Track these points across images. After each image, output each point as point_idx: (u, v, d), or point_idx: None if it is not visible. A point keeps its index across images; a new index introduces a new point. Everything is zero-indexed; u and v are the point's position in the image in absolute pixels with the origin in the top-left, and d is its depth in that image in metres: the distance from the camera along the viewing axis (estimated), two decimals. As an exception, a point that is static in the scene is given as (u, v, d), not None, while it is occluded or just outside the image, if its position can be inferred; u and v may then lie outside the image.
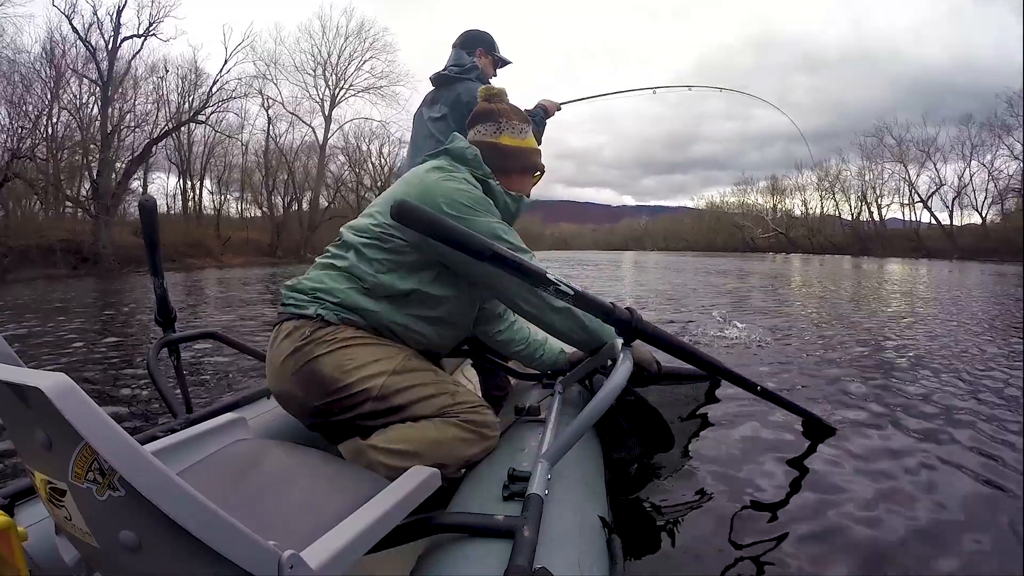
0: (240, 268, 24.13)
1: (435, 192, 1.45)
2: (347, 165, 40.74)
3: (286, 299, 1.45)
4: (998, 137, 36.17)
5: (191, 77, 30.84)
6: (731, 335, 5.12)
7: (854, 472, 2.02)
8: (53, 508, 0.73)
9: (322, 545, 0.80)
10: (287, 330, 1.40)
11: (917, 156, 40.94)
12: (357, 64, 38.46)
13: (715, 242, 58.78)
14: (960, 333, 5.32)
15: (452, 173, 1.52)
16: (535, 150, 1.74)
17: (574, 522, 1.09)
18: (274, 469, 1.12)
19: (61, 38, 25.81)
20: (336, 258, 1.49)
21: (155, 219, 1.78)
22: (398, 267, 1.46)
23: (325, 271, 1.47)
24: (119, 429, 0.60)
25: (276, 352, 1.41)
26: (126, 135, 27.93)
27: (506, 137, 1.67)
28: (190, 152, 33.29)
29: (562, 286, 1.24)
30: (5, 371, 0.64)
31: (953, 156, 39.40)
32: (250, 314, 8.12)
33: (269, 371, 1.45)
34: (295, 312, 1.41)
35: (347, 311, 1.42)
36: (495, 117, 1.69)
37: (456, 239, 1.18)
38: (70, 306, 9.58)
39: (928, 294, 10.15)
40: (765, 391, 1.99)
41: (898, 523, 1.69)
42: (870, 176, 44.82)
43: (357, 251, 1.46)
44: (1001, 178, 36.99)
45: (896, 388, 3.22)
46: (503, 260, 1.19)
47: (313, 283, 1.44)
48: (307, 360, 1.36)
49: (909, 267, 21.82)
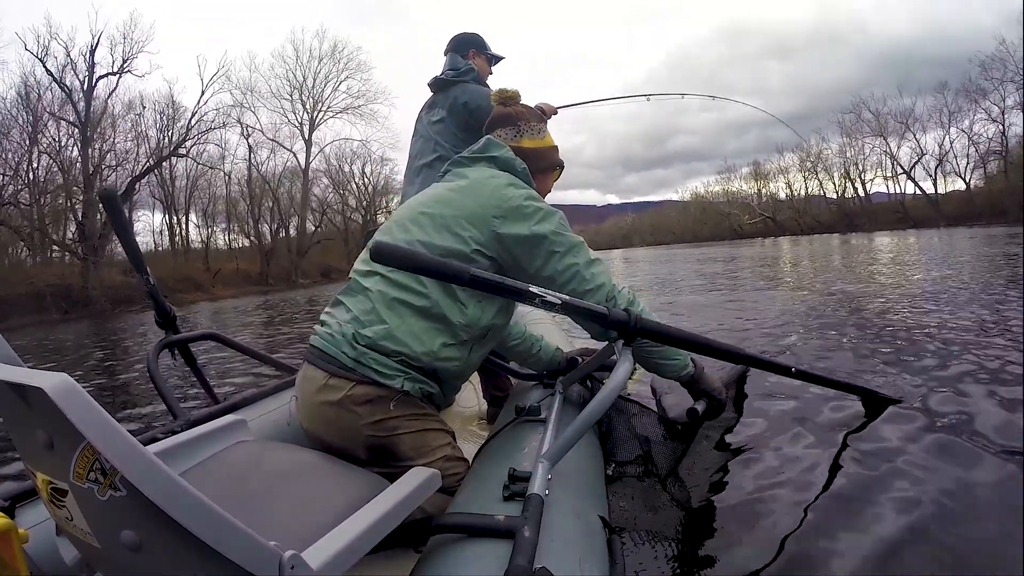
0: (232, 299, 23.97)
1: (510, 196, 1.46)
2: (331, 187, 40.84)
3: (363, 358, 1.34)
4: (975, 102, 36.33)
5: (169, 111, 30.96)
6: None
7: (872, 457, 1.90)
8: (54, 508, 0.74)
9: (323, 545, 0.81)
10: (366, 395, 1.33)
11: (896, 128, 41.13)
12: (333, 85, 38.78)
13: (702, 232, 58.82)
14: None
15: (528, 191, 1.51)
16: (553, 148, 1.76)
17: (574, 522, 1.10)
18: (275, 470, 1.12)
19: (36, 82, 25.86)
20: (408, 291, 1.39)
21: (120, 208, 1.74)
22: (479, 295, 1.42)
23: (398, 311, 1.38)
24: (121, 429, 0.61)
25: (344, 415, 1.34)
26: (108, 174, 27.90)
27: (527, 140, 1.70)
28: (173, 187, 33.28)
29: (548, 297, 1.24)
30: (6, 371, 0.65)
31: (932, 125, 39.58)
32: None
33: (316, 418, 1.39)
34: (376, 379, 1.33)
35: (429, 380, 1.40)
36: (513, 120, 1.71)
37: (435, 269, 1.17)
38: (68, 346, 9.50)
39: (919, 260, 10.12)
40: (800, 372, 1.93)
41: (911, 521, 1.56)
42: (851, 152, 45.05)
43: (441, 283, 1.39)
44: (981, 142, 37.25)
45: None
46: (483, 281, 1.19)
47: (395, 343, 1.35)
48: (388, 435, 1.34)
49: (897, 238, 21.80)
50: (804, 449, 2.05)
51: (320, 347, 1.41)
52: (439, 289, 1.39)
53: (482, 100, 2.60)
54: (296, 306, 14.98)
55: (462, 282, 1.18)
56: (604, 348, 1.54)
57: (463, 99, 2.62)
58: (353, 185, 41.43)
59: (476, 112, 2.58)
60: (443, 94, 2.72)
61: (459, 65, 2.74)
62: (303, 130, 38.14)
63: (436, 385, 1.43)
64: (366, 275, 1.45)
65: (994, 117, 35.73)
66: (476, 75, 2.75)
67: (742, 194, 58.67)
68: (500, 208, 1.44)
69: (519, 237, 1.43)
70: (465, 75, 2.71)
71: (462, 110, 2.62)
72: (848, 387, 2.25)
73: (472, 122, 2.60)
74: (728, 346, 1.65)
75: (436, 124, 2.69)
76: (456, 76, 2.71)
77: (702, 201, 64.92)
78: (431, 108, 2.77)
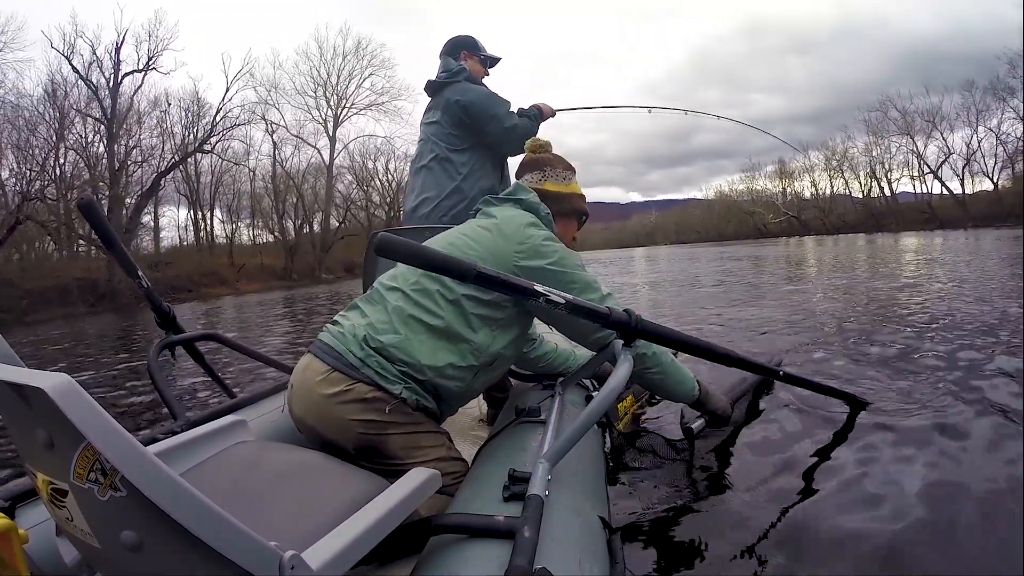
0: (256, 294, 24.14)
1: (531, 235, 1.54)
2: (355, 184, 40.99)
3: (368, 359, 1.39)
4: (1003, 100, 35.50)
5: (194, 108, 31.31)
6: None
7: (868, 459, 1.92)
8: (54, 509, 0.74)
9: (323, 546, 0.82)
10: (363, 393, 1.36)
11: (923, 127, 40.23)
12: (357, 82, 38.94)
13: (727, 231, 58.19)
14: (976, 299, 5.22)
15: (544, 231, 1.58)
16: (579, 195, 1.83)
17: (574, 523, 1.10)
18: (275, 470, 1.13)
19: (63, 79, 26.29)
20: (424, 311, 1.44)
21: (100, 216, 1.75)
22: (493, 324, 1.49)
23: (412, 326, 1.43)
24: (121, 429, 0.62)
25: (338, 408, 1.36)
26: (133, 170, 28.36)
27: (550, 184, 1.77)
28: (198, 183, 33.57)
29: (552, 296, 1.26)
30: (7, 371, 0.66)
31: (960, 123, 38.66)
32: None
33: (309, 406, 1.41)
34: (377, 382, 1.37)
35: (428, 395, 1.43)
36: (540, 166, 1.80)
37: (441, 265, 1.18)
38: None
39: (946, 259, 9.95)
40: (788, 375, 2.05)
41: (917, 521, 1.57)
42: (877, 151, 44.11)
43: (458, 306, 1.45)
44: (1009, 141, 36.32)
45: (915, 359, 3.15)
46: (488, 278, 1.21)
47: (403, 353, 1.39)
48: (377, 433, 1.37)
49: (924, 239, 21.41)
50: (804, 451, 2.06)
51: (328, 343, 1.44)
52: (454, 312, 1.44)
53: (473, 95, 2.69)
54: (318, 300, 15.07)
55: (467, 278, 1.19)
56: (604, 350, 1.56)
57: (455, 97, 2.70)
58: (377, 181, 41.67)
59: (469, 107, 2.66)
60: (438, 96, 2.81)
61: (451, 67, 2.83)
62: (327, 127, 38.44)
63: (434, 402, 1.46)
64: (390, 289, 1.51)
65: (1023, 116, 34.86)
66: (468, 75, 2.82)
67: (767, 193, 57.87)
68: (522, 245, 1.52)
69: (536, 268, 1.49)
70: (457, 76, 2.79)
71: (455, 107, 2.68)
72: (831, 391, 2.29)
73: (466, 119, 2.68)
74: (724, 349, 1.74)
75: (431, 126, 2.78)
76: (448, 78, 2.79)
77: (726, 199, 64.13)
78: (428, 111, 2.86)
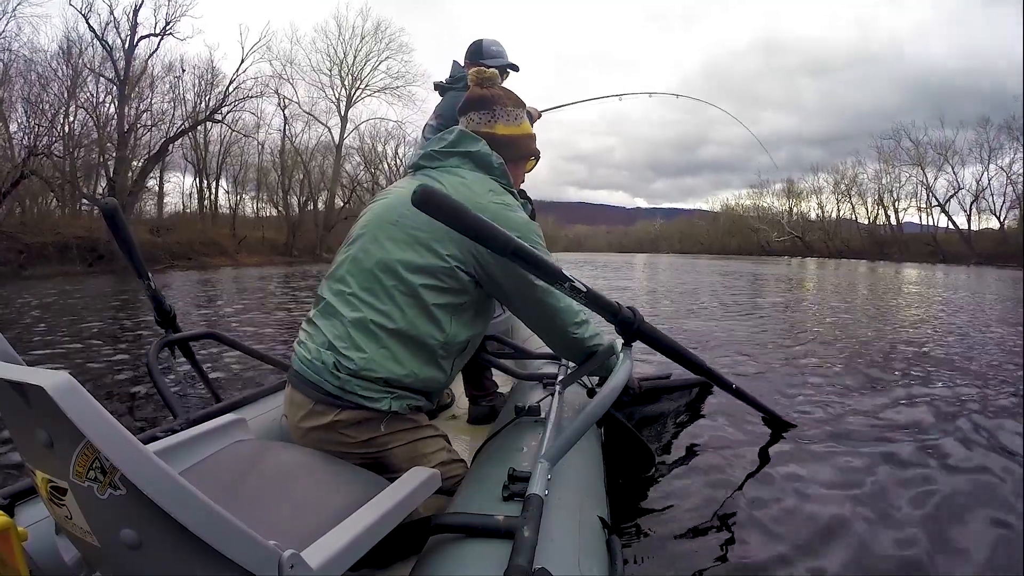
0: (255, 267, 24.19)
1: (510, 224, 1.37)
2: (363, 165, 40.85)
3: (347, 385, 1.30)
4: (1016, 140, 35.61)
5: (207, 76, 31.00)
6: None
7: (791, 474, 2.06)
8: (54, 507, 0.74)
9: (322, 545, 0.81)
10: (354, 419, 1.31)
11: (934, 159, 40.32)
12: (373, 64, 38.60)
13: (730, 245, 58.50)
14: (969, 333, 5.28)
15: (504, 197, 1.46)
16: (530, 136, 1.68)
17: (574, 522, 1.10)
18: (274, 469, 1.13)
19: (78, 37, 26.01)
20: (381, 314, 1.33)
21: (121, 221, 1.75)
22: (456, 312, 1.39)
23: (374, 336, 1.32)
24: (121, 427, 0.61)
25: (335, 436, 1.32)
26: (143, 134, 28.11)
27: (500, 126, 1.60)
28: (206, 151, 33.44)
29: (576, 283, 1.25)
30: (6, 369, 0.65)
31: (971, 159, 38.81)
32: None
33: (306, 437, 1.36)
34: (364, 404, 1.31)
35: (416, 394, 1.39)
36: (488, 104, 1.61)
37: (482, 232, 1.13)
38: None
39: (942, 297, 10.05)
40: (739, 391, 2.17)
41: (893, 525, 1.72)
42: (887, 179, 44.31)
43: (417, 299, 1.34)
44: (1019, 182, 36.42)
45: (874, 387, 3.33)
46: (524, 255, 1.16)
47: (377, 369, 1.30)
48: (379, 450, 1.34)
49: (926, 272, 21.54)
50: (805, 452, 2.21)
51: (303, 373, 1.36)
52: (415, 308, 1.34)
53: (445, 106, 2.74)
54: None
55: (505, 252, 1.15)
56: (604, 349, 1.56)
57: (450, 103, 2.70)
58: (385, 165, 41.29)
59: (442, 116, 2.70)
60: (442, 99, 2.84)
61: (457, 73, 2.83)
62: (339, 106, 38.15)
63: (423, 397, 1.42)
64: (338, 295, 1.39)
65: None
66: (467, 83, 2.77)
67: (773, 210, 57.96)
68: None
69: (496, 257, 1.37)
70: (457, 82, 2.78)
71: (450, 116, 2.64)
72: (764, 409, 2.45)
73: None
74: (699, 360, 1.83)
75: (431, 128, 2.77)
76: (450, 83, 2.81)
77: (732, 213, 64.28)
78: (433, 114, 2.87)
